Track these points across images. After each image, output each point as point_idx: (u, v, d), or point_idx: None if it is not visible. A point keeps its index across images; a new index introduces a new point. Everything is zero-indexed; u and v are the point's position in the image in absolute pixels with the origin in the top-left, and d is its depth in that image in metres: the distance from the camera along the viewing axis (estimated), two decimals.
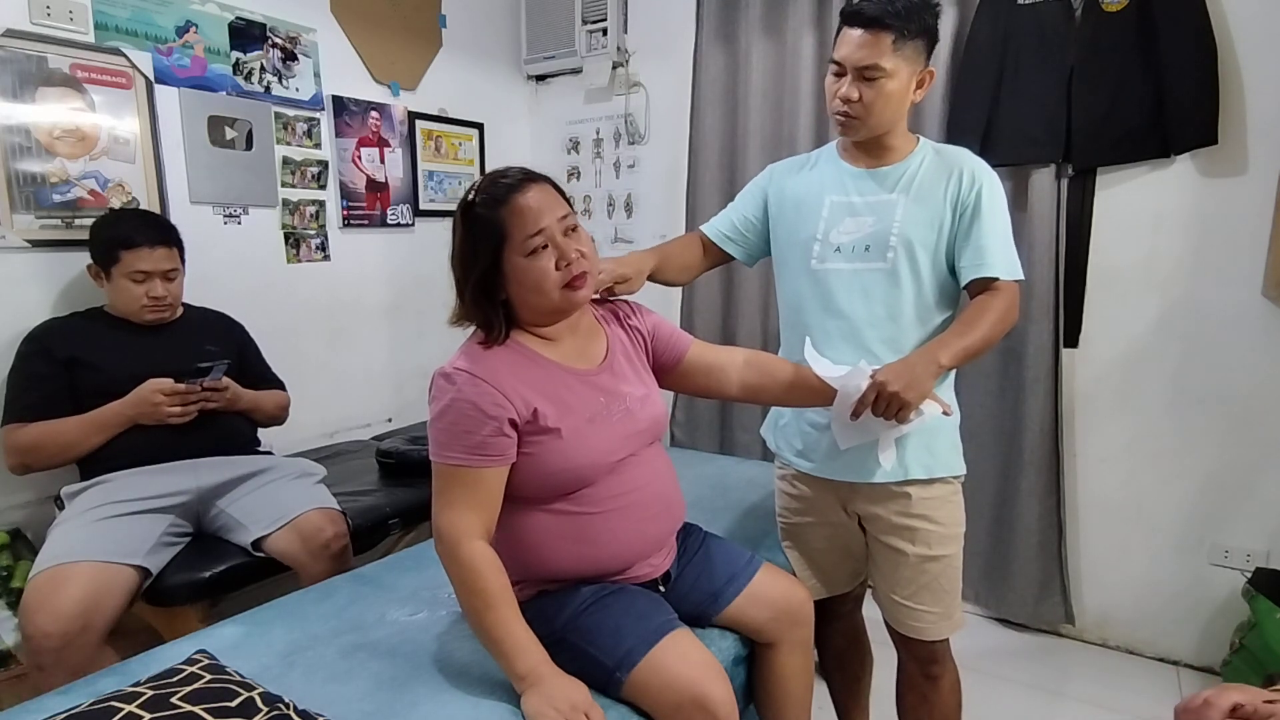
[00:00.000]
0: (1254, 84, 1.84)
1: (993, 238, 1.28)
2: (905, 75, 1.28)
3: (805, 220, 1.41)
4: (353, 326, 2.55)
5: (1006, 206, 1.32)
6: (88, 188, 1.86)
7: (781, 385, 1.34)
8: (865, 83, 1.27)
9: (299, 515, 1.65)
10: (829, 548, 1.49)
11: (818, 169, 1.46)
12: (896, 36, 1.24)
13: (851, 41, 1.27)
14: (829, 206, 1.39)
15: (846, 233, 1.36)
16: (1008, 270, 1.28)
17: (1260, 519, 1.95)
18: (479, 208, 1.09)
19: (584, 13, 2.82)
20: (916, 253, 1.31)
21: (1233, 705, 0.71)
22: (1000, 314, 1.27)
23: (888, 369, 1.22)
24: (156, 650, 1.19)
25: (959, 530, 1.39)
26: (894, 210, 1.33)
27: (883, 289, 1.33)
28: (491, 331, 1.12)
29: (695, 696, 1.04)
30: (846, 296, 1.35)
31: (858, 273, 1.35)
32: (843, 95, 1.29)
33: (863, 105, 1.28)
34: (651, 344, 1.32)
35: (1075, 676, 2.08)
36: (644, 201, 2.92)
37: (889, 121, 1.32)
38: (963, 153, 1.35)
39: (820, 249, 1.38)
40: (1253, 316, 1.90)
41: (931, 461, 1.35)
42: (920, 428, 1.26)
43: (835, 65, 1.31)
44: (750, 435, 2.61)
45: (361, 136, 2.50)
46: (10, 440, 1.61)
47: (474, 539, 1.05)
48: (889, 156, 1.37)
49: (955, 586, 1.39)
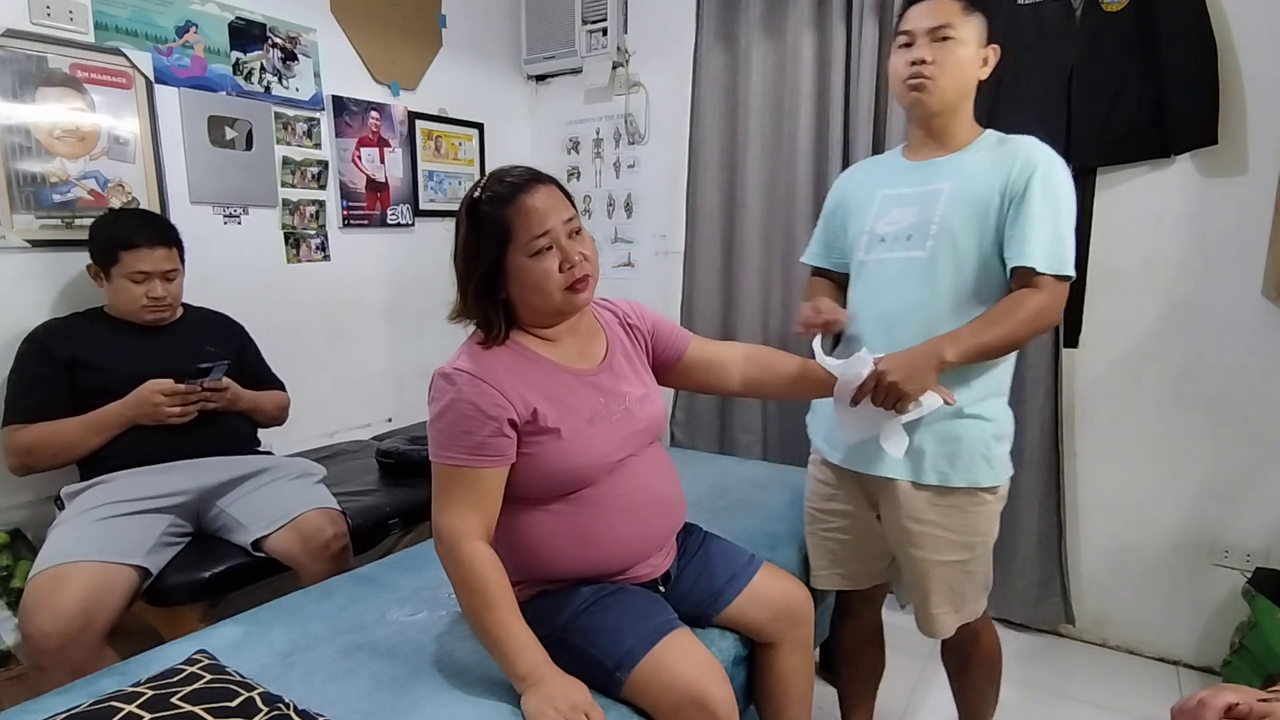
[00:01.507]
0: (1254, 84, 1.84)
1: (1038, 226, 1.22)
2: (973, 45, 1.29)
3: (859, 216, 1.42)
4: (353, 326, 2.55)
5: (1068, 200, 1.25)
6: (88, 188, 1.86)
7: (783, 379, 1.35)
8: (938, 44, 1.27)
9: (299, 515, 1.65)
10: (849, 539, 1.48)
11: (878, 166, 1.48)
12: (964, 6, 1.27)
13: (921, 10, 1.29)
14: (880, 200, 1.39)
15: (891, 223, 1.36)
16: (1049, 262, 1.21)
17: (1260, 519, 1.95)
18: (485, 205, 1.09)
19: (584, 13, 2.82)
20: (958, 240, 1.28)
21: (1228, 705, 0.71)
22: (1032, 312, 1.22)
23: (889, 359, 1.22)
24: (156, 650, 1.19)
25: (974, 539, 1.35)
26: (939, 198, 1.30)
27: (919, 278, 1.30)
28: (491, 330, 1.12)
29: (695, 696, 1.04)
30: (884, 287, 1.35)
31: (897, 262, 1.33)
32: (915, 57, 1.28)
33: (935, 65, 1.27)
34: (651, 342, 1.32)
35: (1075, 676, 2.08)
36: (644, 201, 2.92)
37: (960, 90, 1.30)
38: (1029, 142, 1.29)
39: (868, 241, 1.39)
40: (1253, 316, 1.90)
41: (950, 470, 1.31)
42: (926, 418, 1.24)
43: (904, 35, 1.31)
44: (750, 435, 2.60)
45: (361, 136, 2.50)
46: (11, 441, 1.61)
47: (474, 539, 1.05)
48: (949, 145, 1.34)
49: (969, 589, 1.39)
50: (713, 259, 2.63)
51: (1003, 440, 1.34)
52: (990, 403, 1.32)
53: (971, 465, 1.30)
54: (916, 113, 1.35)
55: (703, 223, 2.63)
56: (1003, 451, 1.34)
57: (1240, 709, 0.70)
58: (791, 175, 2.43)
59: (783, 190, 2.46)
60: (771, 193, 2.51)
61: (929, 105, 1.31)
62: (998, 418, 1.33)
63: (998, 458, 1.33)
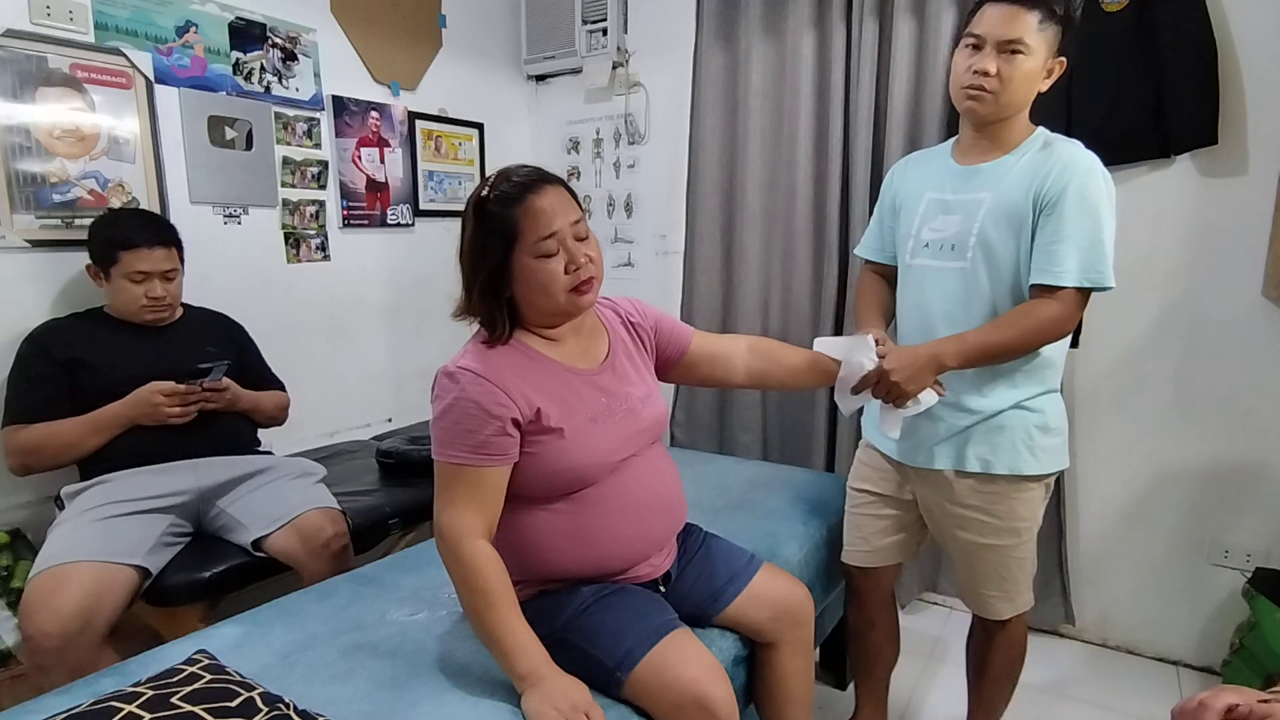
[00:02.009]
0: (1254, 84, 1.84)
1: (1070, 241, 1.22)
2: (1041, 57, 1.26)
3: (907, 217, 1.45)
4: (353, 326, 2.55)
5: (1107, 209, 1.24)
6: (88, 188, 1.86)
7: (786, 369, 1.38)
8: (1005, 56, 1.24)
9: (299, 515, 1.65)
10: (881, 518, 1.55)
11: (929, 164, 1.47)
12: (1043, 16, 1.23)
13: (996, 15, 1.25)
14: (926, 203, 1.41)
15: (936, 230, 1.38)
16: (1080, 275, 1.22)
17: (1260, 519, 1.95)
18: (492, 204, 1.08)
19: (584, 13, 2.82)
20: (996, 254, 1.30)
21: (1228, 706, 0.71)
22: (1041, 323, 1.25)
23: (895, 357, 1.27)
24: (156, 650, 1.19)
25: (1019, 524, 1.39)
26: (979, 210, 1.32)
27: (960, 289, 1.34)
28: (495, 329, 1.12)
29: (695, 696, 1.04)
30: (929, 294, 1.39)
31: (941, 271, 1.37)
32: (979, 67, 1.26)
33: (999, 79, 1.25)
34: (655, 340, 1.32)
35: (1075, 676, 2.08)
36: (644, 201, 2.92)
37: (1018, 104, 1.29)
38: (1070, 147, 1.29)
39: (913, 245, 1.42)
40: (1253, 316, 1.90)
41: (991, 458, 1.36)
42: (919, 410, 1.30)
43: (973, 38, 1.28)
44: (750, 435, 2.60)
45: (361, 136, 2.50)
46: (11, 441, 1.61)
47: (475, 538, 1.05)
48: (997, 149, 1.34)
49: (1019, 574, 1.42)
50: (713, 259, 2.63)
51: (1049, 432, 1.36)
52: (1039, 398, 1.35)
53: (1014, 454, 1.35)
54: (971, 118, 1.35)
55: (703, 223, 2.62)
56: (1049, 442, 1.36)
57: (1240, 710, 0.70)
58: (791, 175, 2.43)
59: (783, 190, 2.46)
60: (771, 193, 2.51)
61: (983, 115, 1.31)
62: (1044, 410, 1.35)
63: (1042, 448, 1.35)
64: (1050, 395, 1.38)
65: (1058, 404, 1.39)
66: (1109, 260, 1.24)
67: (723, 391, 2.66)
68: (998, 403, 1.35)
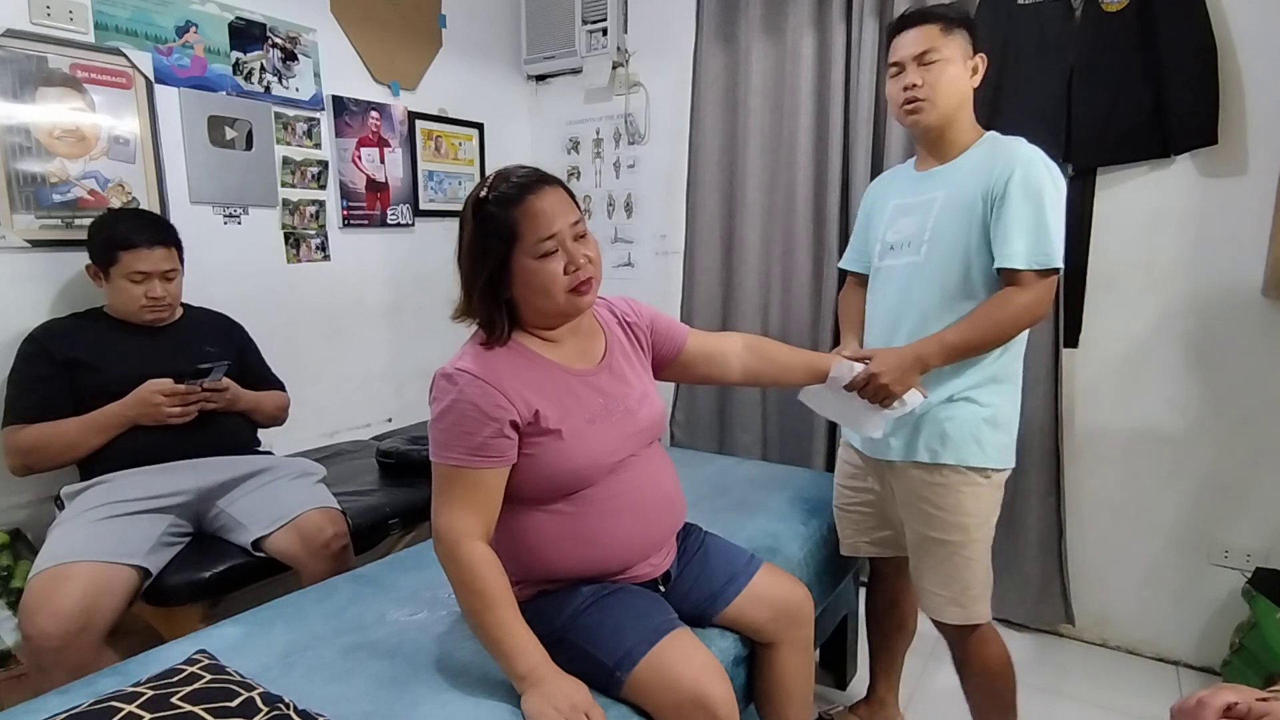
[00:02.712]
0: (1254, 84, 1.84)
1: (1016, 227, 1.29)
2: (960, 61, 1.37)
3: (876, 225, 1.55)
4: (353, 326, 2.55)
5: (1050, 194, 1.30)
6: (88, 188, 1.86)
7: (781, 368, 1.42)
8: (924, 68, 1.36)
9: (299, 515, 1.65)
10: (870, 512, 1.61)
11: (895, 177, 1.59)
12: (943, 25, 1.35)
13: (904, 40, 1.38)
14: (891, 209, 1.51)
15: (898, 231, 1.47)
16: (1028, 258, 1.29)
17: (1260, 519, 1.95)
18: (491, 206, 1.08)
19: (584, 13, 2.82)
20: (946, 244, 1.37)
21: (1227, 705, 0.71)
22: (1013, 311, 1.31)
23: (882, 360, 1.34)
24: (156, 650, 1.19)
25: (965, 520, 1.40)
26: (934, 206, 1.40)
27: (914, 282, 1.41)
28: (494, 330, 1.12)
29: (695, 696, 1.04)
30: (890, 290, 1.47)
31: (900, 267, 1.44)
32: (906, 83, 1.38)
33: (927, 87, 1.36)
34: (650, 338, 1.32)
35: (1075, 676, 2.08)
36: (644, 201, 2.92)
37: (953, 106, 1.38)
38: (1013, 145, 1.36)
39: (880, 249, 1.51)
40: (1253, 316, 1.90)
41: (940, 448, 1.39)
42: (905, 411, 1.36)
43: (894, 66, 1.41)
44: (750, 435, 2.60)
45: (361, 136, 2.50)
46: (11, 442, 1.61)
47: (473, 539, 1.05)
48: (949, 153, 1.43)
49: (968, 575, 1.42)
50: (713, 259, 2.63)
51: (997, 426, 1.39)
52: (985, 389, 1.39)
53: (961, 445, 1.38)
54: (917, 132, 1.45)
55: (703, 223, 2.63)
56: (997, 437, 1.39)
57: (1239, 709, 0.70)
58: (791, 175, 2.43)
59: (783, 190, 2.47)
60: (771, 193, 2.51)
61: (927, 124, 1.40)
62: (992, 403, 1.38)
63: (990, 442, 1.38)
64: (999, 387, 1.39)
65: (1009, 398, 1.41)
66: (1055, 243, 1.30)
67: (722, 391, 2.66)
68: (943, 392, 1.39)
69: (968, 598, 1.43)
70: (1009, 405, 1.41)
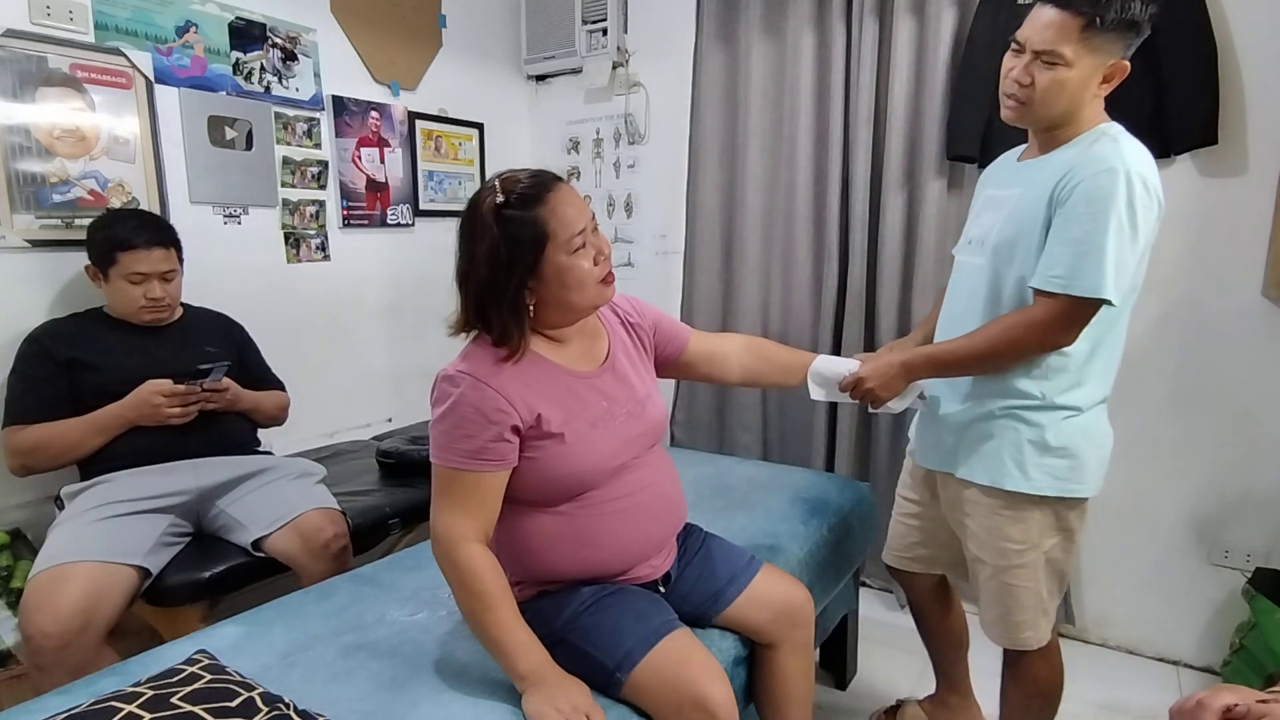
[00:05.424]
0: (1254, 84, 1.83)
1: (1064, 244, 1.14)
2: (1088, 67, 1.16)
3: (972, 213, 1.46)
4: (353, 326, 2.55)
5: (1119, 212, 1.12)
6: (88, 188, 1.86)
7: (779, 368, 1.43)
8: (1042, 67, 1.16)
9: (299, 515, 1.65)
10: (911, 525, 1.57)
11: (1002, 162, 1.43)
12: (1088, 23, 1.12)
13: (1038, 21, 1.16)
14: (983, 200, 1.41)
15: (978, 226, 1.37)
16: (1063, 281, 1.14)
17: (1260, 519, 1.95)
18: (514, 209, 1.05)
19: (584, 13, 2.82)
20: (1008, 251, 1.24)
21: (1226, 706, 0.71)
22: (1011, 329, 1.20)
23: (872, 367, 1.34)
24: (156, 650, 1.19)
25: (1006, 546, 1.30)
26: (1008, 204, 1.28)
27: (976, 286, 1.32)
28: (510, 341, 1.08)
29: (695, 697, 1.04)
30: (956, 289, 1.41)
31: (966, 267, 1.38)
32: (1014, 75, 1.19)
33: (1032, 90, 1.18)
34: (654, 339, 1.32)
35: (1075, 676, 2.06)
36: (644, 201, 2.92)
37: (1058, 115, 1.20)
38: (1114, 145, 1.17)
39: (961, 241, 1.43)
40: (1253, 316, 1.90)
41: (976, 466, 1.31)
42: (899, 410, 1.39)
43: (1016, 43, 1.20)
44: (750, 435, 2.60)
45: (361, 136, 2.50)
46: (11, 442, 1.61)
47: (470, 542, 1.05)
48: (1049, 145, 1.25)
49: (1008, 601, 1.35)
50: (713, 259, 2.63)
51: (1049, 450, 1.25)
52: (1039, 410, 1.25)
53: (998, 467, 1.28)
54: (1007, 120, 1.27)
55: (703, 223, 2.63)
56: (1048, 462, 1.25)
57: (1238, 709, 0.71)
58: (791, 175, 2.43)
59: (783, 190, 2.47)
60: (771, 193, 2.51)
61: (1019, 123, 1.26)
62: (1042, 424, 1.24)
63: (1036, 466, 1.25)
64: (1058, 411, 1.24)
65: (1072, 423, 1.25)
66: (1102, 269, 1.12)
67: (723, 391, 2.66)
68: (979, 408, 1.30)
69: (1010, 623, 1.35)
70: (1072, 429, 1.25)
